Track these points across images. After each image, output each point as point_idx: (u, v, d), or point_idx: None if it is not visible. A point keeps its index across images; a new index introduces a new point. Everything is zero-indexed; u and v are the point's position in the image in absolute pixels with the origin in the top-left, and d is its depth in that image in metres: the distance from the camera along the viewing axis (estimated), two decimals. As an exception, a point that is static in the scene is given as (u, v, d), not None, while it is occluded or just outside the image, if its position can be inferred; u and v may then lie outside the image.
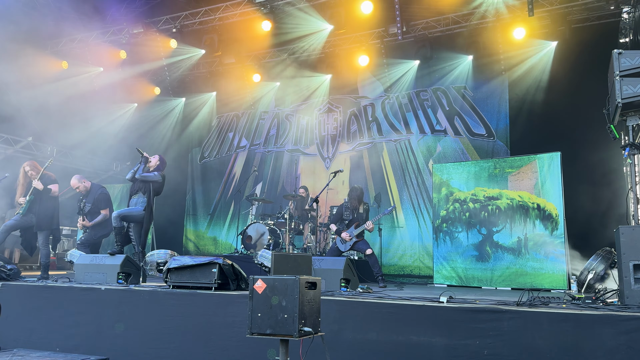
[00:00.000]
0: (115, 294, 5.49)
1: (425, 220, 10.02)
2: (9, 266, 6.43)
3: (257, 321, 3.14)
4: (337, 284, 5.59)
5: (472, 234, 7.82)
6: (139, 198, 7.12)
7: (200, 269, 5.30)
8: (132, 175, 7.17)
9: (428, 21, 10.04)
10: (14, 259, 9.90)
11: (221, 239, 12.27)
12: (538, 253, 7.26)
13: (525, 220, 7.44)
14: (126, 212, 6.99)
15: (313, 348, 3.54)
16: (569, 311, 3.79)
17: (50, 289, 5.87)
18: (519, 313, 3.86)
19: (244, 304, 4.45)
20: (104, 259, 6.31)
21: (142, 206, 7.02)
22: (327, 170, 11.18)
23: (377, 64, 10.91)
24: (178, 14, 10.62)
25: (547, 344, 3.70)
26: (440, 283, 7.89)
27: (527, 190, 7.51)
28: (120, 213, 6.94)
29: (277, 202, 10.83)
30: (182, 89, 12.92)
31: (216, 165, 12.77)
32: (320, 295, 3.36)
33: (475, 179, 7.94)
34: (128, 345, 5.18)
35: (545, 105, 9.15)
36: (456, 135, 10.12)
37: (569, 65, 8.91)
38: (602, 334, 3.57)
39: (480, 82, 10.10)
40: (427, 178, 10.10)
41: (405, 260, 10.08)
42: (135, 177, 7.13)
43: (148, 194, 7.09)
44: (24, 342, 5.60)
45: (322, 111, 11.65)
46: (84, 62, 11.57)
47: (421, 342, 4.07)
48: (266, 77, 12.02)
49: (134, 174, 7.14)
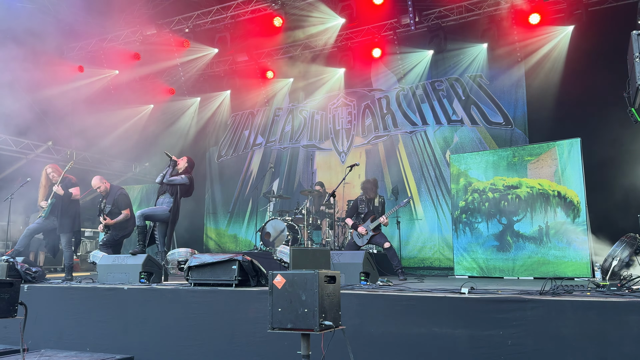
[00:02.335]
0: (138, 293, 5.56)
1: (444, 211, 9.94)
2: (34, 269, 6.56)
3: (277, 316, 3.15)
4: (356, 278, 5.59)
5: (492, 224, 7.73)
6: (166, 198, 7.24)
7: (221, 266, 5.34)
8: (160, 179, 7.33)
9: (441, 10, 9.93)
10: (38, 261, 10.08)
11: (241, 236, 12.36)
12: (560, 241, 7.16)
13: (546, 208, 7.33)
14: (150, 212, 7.09)
15: (335, 342, 3.54)
16: (594, 299, 3.73)
17: (75, 290, 5.96)
18: (542, 302, 3.81)
19: (265, 299, 4.47)
20: (126, 259, 6.38)
21: (168, 206, 7.14)
22: (342, 164, 11.16)
23: (390, 55, 10.84)
24: (190, 13, 10.68)
25: (571, 333, 3.64)
26: (461, 274, 7.83)
27: (547, 177, 7.40)
28: (144, 212, 7.03)
29: (294, 198, 10.85)
30: (196, 88, 13.00)
31: (233, 164, 12.84)
32: (340, 289, 3.36)
33: (494, 168, 7.84)
34: (154, 344, 5.25)
35: (564, 91, 9.00)
36: (473, 124, 10.01)
37: (587, 50, 8.74)
38: (628, 322, 3.50)
39: (496, 70, 9.97)
40: (444, 169, 10.02)
41: (425, 253, 10.03)
42: (162, 182, 7.27)
43: (175, 195, 7.21)
44: (54, 343, 5.71)
45: (336, 105, 11.62)
46: (100, 66, 11.72)
47: (443, 334, 4.04)
48: (279, 74, 12.03)
49: (162, 178, 7.29)
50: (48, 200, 7.06)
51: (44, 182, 7.27)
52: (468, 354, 3.91)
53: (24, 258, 6.71)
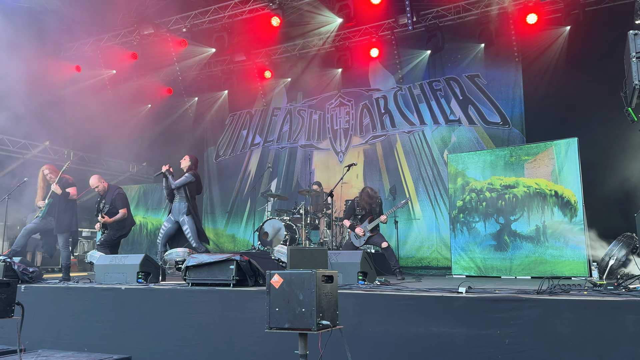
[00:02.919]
0: (135, 293, 5.56)
1: (442, 211, 9.95)
2: (31, 269, 6.54)
3: (275, 316, 3.15)
4: (354, 278, 5.59)
5: (489, 224, 7.74)
6: (181, 204, 7.29)
7: (218, 266, 5.34)
8: (169, 191, 7.35)
9: (438, 10, 9.94)
10: (36, 261, 10.07)
11: (239, 236, 12.35)
12: (557, 240, 7.16)
13: (543, 207, 7.34)
14: (193, 235, 7.20)
15: (332, 341, 3.54)
16: (591, 298, 3.74)
17: (72, 290, 5.96)
18: (539, 301, 3.82)
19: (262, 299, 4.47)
20: (123, 259, 6.38)
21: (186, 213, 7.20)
22: (340, 164, 11.16)
23: (388, 55, 10.85)
24: (187, 13, 10.67)
25: (569, 332, 3.65)
26: (458, 274, 7.83)
27: (544, 177, 7.41)
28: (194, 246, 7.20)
29: (292, 198, 10.85)
30: (194, 88, 12.98)
31: (231, 164, 12.83)
32: (338, 288, 3.36)
33: (491, 168, 7.85)
34: (151, 344, 5.24)
35: (561, 91, 9.01)
36: (471, 124, 10.02)
37: (584, 49, 8.76)
38: (625, 320, 3.51)
39: (493, 70, 9.97)
40: (442, 169, 10.03)
41: (423, 252, 10.04)
42: (172, 190, 7.30)
43: (187, 197, 7.26)
44: (51, 344, 5.71)
45: (334, 105, 11.63)
46: (97, 65, 11.69)
47: (441, 333, 4.04)
48: (277, 74, 12.03)
49: (170, 190, 7.30)
50: (45, 200, 7.05)
51: (41, 184, 7.27)
52: (465, 353, 3.92)
53: (21, 258, 6.69)
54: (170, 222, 7.43)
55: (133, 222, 7.95)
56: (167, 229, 7.43)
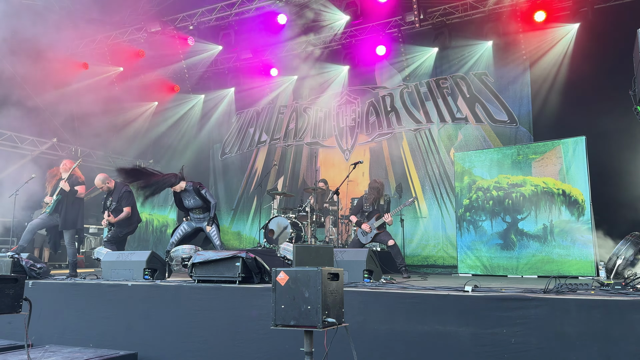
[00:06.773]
0: (142, 289, 5.58)
1: (449, 209, 9.92)
2: (39, 265, 6.59)
3: (280, 313, 3.14)
4: (360, 275, 5.58)
5: (496, 223, 7.71)
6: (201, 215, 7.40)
7: (224, 263, 5.35)
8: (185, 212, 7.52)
9: (446, 7, 9.89)
10: (43, 257, 10.14)
11: (245, 234, 12.36)
12: (564, 240, 7.13)
13: (550, 206, 7.31)
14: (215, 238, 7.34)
15: (338, 339, 3.54)
16: (598, 297, 3.71)
17: (79, 286, 6.00)
18: (546, 300, 3.80)
19: (268, 296, 4.48)
20: (130, 256, 6.41)
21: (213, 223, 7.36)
22: (346, 162, 11.15)
23: (394, 53, 10.81)
24: (194, 10, 10.69)
25: (575, 331, 3.63)
26: (464, 272, 7.82)
27: (552, 176, 7.37)
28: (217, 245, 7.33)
29: (298, 196, 10.86)
30: (200, 85, 13.01)
31: (237, 161, 12.84)
32: (343, 286, 3.35)
33: (499, 167, 7.82)
34: (157, 340, 5.26)
35: (569, 89, 8.96)
36: (477, 122, 9.98)
37: (592, 47, 8.69)
38: (632, 320, 3.49)
39: (500, 68, 9.92)
40: (449, 167, 9.99)
41: (429, 251, 10.02)
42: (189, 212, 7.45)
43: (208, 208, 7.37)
44: (57, 339, 5.74)
45: (340, 103, 11.61)
46: (105, 63, 11.73)
47: (447, 332, 4.03)
48: (284, 71, 12.02)
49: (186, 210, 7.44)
50: (54, 197, 7.10)
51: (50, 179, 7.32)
52: (471, 351, 3.91)
53: (29, 254, 6.75)
54: (191, 227, 7.54)
55: (139, 219, 7.98)
56: (185, 231, 7.51)
